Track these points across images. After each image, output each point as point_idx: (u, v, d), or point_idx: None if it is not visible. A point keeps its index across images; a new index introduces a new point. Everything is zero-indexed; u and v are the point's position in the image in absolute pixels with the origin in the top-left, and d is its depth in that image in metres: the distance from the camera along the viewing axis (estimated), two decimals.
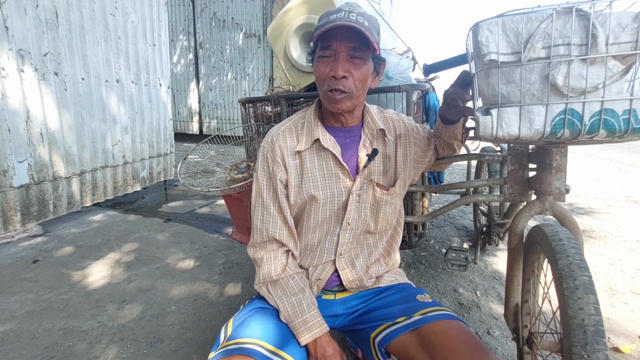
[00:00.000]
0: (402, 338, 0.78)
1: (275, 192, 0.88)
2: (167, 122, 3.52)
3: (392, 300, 0.89)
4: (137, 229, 2.56)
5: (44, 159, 2.26)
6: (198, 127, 7.63)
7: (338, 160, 0.88)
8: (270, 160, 0.88)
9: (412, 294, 0.90)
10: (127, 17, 2.89)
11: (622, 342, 1.37)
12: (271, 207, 0.88)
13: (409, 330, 0.77)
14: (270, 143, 0.89)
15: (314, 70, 0.84)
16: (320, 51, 0.81)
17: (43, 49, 2.19)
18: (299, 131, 0.90)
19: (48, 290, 1.72)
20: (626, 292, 1.73)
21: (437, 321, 0.76)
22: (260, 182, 0.89)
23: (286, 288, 0.84)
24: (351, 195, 0.88)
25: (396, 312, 0.83)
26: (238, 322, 0.79)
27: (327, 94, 0.81)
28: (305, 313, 0.81)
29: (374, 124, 0.92)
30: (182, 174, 1.49)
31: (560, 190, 0.88)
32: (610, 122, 0.64)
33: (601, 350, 0.56)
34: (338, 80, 0.79)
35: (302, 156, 0.88)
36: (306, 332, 0.79)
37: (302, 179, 0.88)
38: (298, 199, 0.88)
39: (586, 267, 0.65)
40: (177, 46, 7.46)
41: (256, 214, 0.90)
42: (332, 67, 0.79)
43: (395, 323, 0.81)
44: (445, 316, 0.78)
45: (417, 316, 0.80)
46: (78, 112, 2.48)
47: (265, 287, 0.86)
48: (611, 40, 0.61)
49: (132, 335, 1.41)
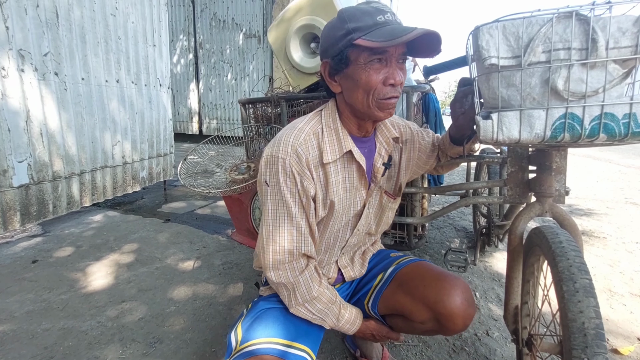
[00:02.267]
0: (385, 293, 0.88)
1: (303, 207, 0.79)
2: (167, 122, 3.52)
3: (372, 266, 1.01)
4: (136, 230, 2.56)
5: (44, 159, 2.26)
6: (198, 127, 7.63)
7: (361, 172, 0.84)
8: (297, 174, 0.77)
9: (386, 253, 1.01)
10: (127, 18, 2.89)
11: (621, 344, 1.37)
12: (302, 226, 0.79)
13: (388, 283, 0.86)
14: (295, 155, 0.76)
15: (359, 79, 0.73)
16: (370, 57, 0.72)
17: (43, 49, 2.19)
18: (319, 139, 0.80)
19: (47, 291, 1.72)
20: (625, 293, 1.74)
21: (407, 264, 0.89)
22: (285, 198, 0.77)
23: (326, 301, 0.84)
24: (366, 204, 0.90)
25: (375, 274, 0.94)
26: (247, 325, 0.79)
27: (380, 102, 0.74)
28: (345, 314, 0.86)
29: (389, 132, 0.89)
30: (182, 174, 1.49)
31: (560, 192, 0.89)
32: (611, 126, 0.64)
33: (601, 354, 0.56)
34: (395, 87, 0.74)
35: (326, 168, 0.80)
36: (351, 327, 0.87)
37: (327, 192, 0.82)
38: (322, 212, 0.83)
39: (586, 270, 0.65)
40: (177, 46, 7.46)
41: (282, 232, 0.78)
42: (389, 74, 0.73)
43: (377, 284, 0.92)
44: (413, 260, 0.89)
45: (391, 268, 0.92)
46: (78, 112, 2.48)
47: (304, 307, 0.81)
48: (611, 45, 0.62)
49: (131, 335, 1.41)
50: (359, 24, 0.70)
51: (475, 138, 0.91)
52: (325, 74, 0.80)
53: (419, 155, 0.98)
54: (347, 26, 0.71)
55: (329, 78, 0.80)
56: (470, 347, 1.37)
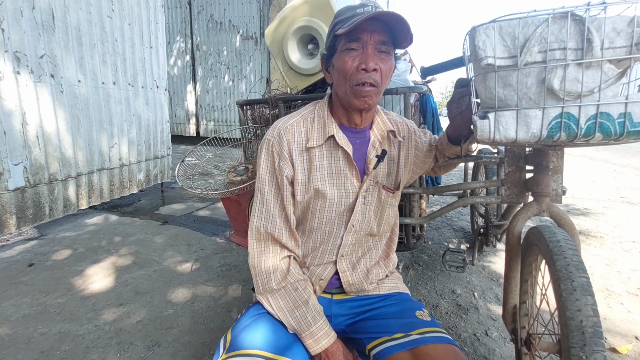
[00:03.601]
0: (397, 355, 0.77)
1: (279, 188, 0.84)
2: (164, 124, 3.51)
3: (391, 313, 0.88)
4: (133, 232, 2.55)
5: (40, 162, 2.24)
6: (195, 129, 7.61)
7: (348, 159, 0.86)
8: (277, 155, 0.83)
9: (411, 308, 0.88)
10: (124, 20, 2.89)
11: (619, 343, 1.38)
12: (272, 205, 0.84)
13: (405, 349, 0.76)
14: (277, 136, 0.83)
15: (337, 65, 0.80)
16: (346, 44, 0.77)
17: (39, 51, 2.18)
18: (308, 126, 0.86)
19: (44, 294, 1.71)
20: (622, 292, 1.75)
21: (433, 344, 0.75)
22: (262, 177, 0.85)
23: (289, 300, 0.81)
24: (359, 197, 0.88)
25: (394, 326, 0.82)
26: (236, 331, 0.78)
27: (354, 88, 0.79)
28: (312, 326, 0.79)
29: (384, 125, 0.91)
30: (180, 176, 1.48)
31: (557, 192, 0.89)
32: (606, 125, 0.65)
33: (599, 352, 0.56)
34: (368, 73, 0.77)
35: (310, 153, 0.85)
36: (314, 345, 0.78)
37: (310, 176, 0.85)
38: (305, 196, 0.85)
39: (584, 269, 0.65)
40: (174, 48, 7.45)
41: (254, 210, 0.85)
42: (362, 60, 0.77)
43: (393, 339, 0.80)
44: (442, 339, 0.77)
45: (414, 335, 0.78)
46: (74, 115, 2.47)
47: (266, 298, 0.83)
48: (606, 45, 0.62)
49: (129, 339, 1.40)
50: (342, 17, 0.79)
51: (472, 138, 0.91)
52: (323, 67, 0.89)
53: (416, 153, 0.98)
54: (335, 21, 0.81)
55: (325, 70, 0.89)
56: (469, 347, 1.37)
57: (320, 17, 1.47)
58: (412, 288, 1.80)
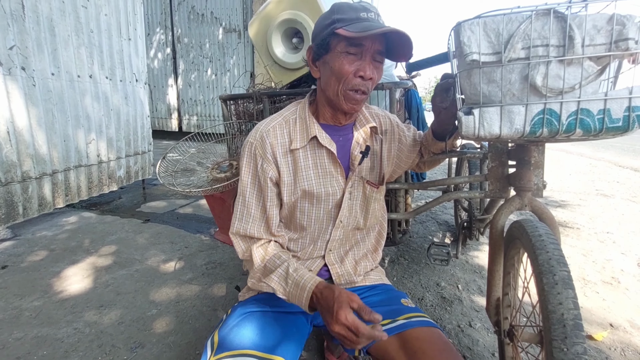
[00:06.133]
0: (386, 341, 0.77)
1: (261, 190, 0.85)
2: (145, 119, 3.41)
3: (378, 301, 0.90)
4: (114, 231, 2.47)
5: (12, 159, 2.14)
6: (177, 124, 7.44)
7: (333, 158, 0.86)
8: (260, 158, 0.83)
9: (396, 296, 0.91)
10: (100, 10, 2.77)
11: (595, 330, 1.43)
12: (252, 207, 0.85)
13: (392, 334, 0.77)
14: (260, 139, 0.84)
15: (333, 66, 0.79)
16: (346, 47, 0.77)
17: (8, 42, 2.07)
18: (291, 127, 0.87)
19: (19, 297, 1.64)
20: (598, 281, 1.82)
21: (419, 327, 0.78)
22: (244, 179, 0.85)
23: (272, 267, 0.81)
24: (345, 193, 0.89)
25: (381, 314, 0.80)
26: (224, 332, 0.77)
27: (347, 92, 0.79)
28: (294, 277, 0.76)
29: (367, 121, 0.92)
30: (161, 173, 1.44)
31: (538, 186, 0.91)
32: (586, 121, 0.66)
33: (580, 344, 0.58)
34: (364, 81, 0.79)
35: (295, 154, 0.85)
36: (302, 294, 0.73)
37: (296, 177, 0.86)
38: (292, 197, 0.86)
39: (565, 262, 0.67)
40: (153, 40, 7.23)
41: (235, 212, 0.86)
42: (360, 67, 0.77)
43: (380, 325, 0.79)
44: (427, 323, 0.80)
45: (400, 320, 0.81)
46: (48, 109, 2.36)
47: (257, 280, 0.83)
48: (587, 42, 0.63)
49: (111, 341, 1.36)
50: (343, 16, 0.77)
51: (457, 134, 0.92)
52: (309, 59, 0.87)
53: (399, 147, 0.99)
54: (333, 17, 0.78)
55: (311, 63, 0.86)
56: (454, 338, 1.40)
57: (305, 11, 1.44)
58: (397, 281, 1.82)
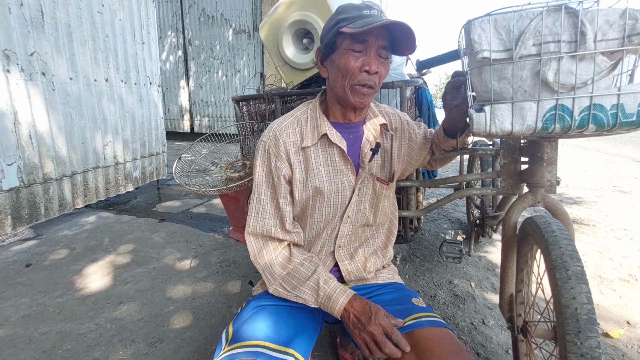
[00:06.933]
0: None
1: (275, 188, 0.86)
2: (159, 120, 3.49)
3: (388, 300, 0.90)
4: (131, 230, 2.54)
5: (34, 161, 2.22)
6: (189, 125, 7.55)
7: (343, 155, 0.88)
8: (273, 156, 0.86)
9: (407, 295, 0.91)
10: (115, 15, 2.84)
11: (611, 328, 1.41)
12: (268, 205, 0.86)
13: (402, 333, 0.77)
14: (273, 138, 0.86)
15: (339, 63, 0.81)
16: (351, 44, 0.79)
17: (29, 49, 2.15)
18: (302, 126, 0.89)
19: (43, 294, 1.71)
20: (614, 279, 1.79)
21: (429, 327, 0.78)
22: (258, 178, 0.87)
23: (299, 277, 0.83)
24: (355, 190, 0.90)
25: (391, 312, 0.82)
26: (238, 324, 0.79)
27: (354, 87, 0.81)
28: (326, 289, 0.80)
29: (377, 119, 0.93)
30: (177, 173, 1.48)
31: (551, 183, 0.91)
32: (599, 116, 0.66)
33: (593, 338, 0.58)
34: (370, 76, 0.80)
35: (306, 152, 0.87)
36: (334, 306, 0.79)
37: (307, 175, 0.88)
38: (303, 194, 0.88)
39: (578, 258, 0.67)
40: (165, 43, 7.35)
41: (250, 211, 0.88)
42: (365, 62, 0.79)
43: None
44: (437, 323, 0.79)
45: (410, 320, 0.81)
46: (67, 113, 2.44)
47: (281, 287, 0.84)
48: (599, 37, 0.63)
49: (131, 336, 1.41)
50: (347, 15, 0.80)
51: (468, 131, 0.92)
52: (318, 60, 0.90)
53: (410, 145, 0.99)
54: (338, 17, 0.81)
55: (320, 64, 0.89)
56: (467, 335, 1.40)
57: (315, 11, 1.46)
58: (410, 279, 1.83)
